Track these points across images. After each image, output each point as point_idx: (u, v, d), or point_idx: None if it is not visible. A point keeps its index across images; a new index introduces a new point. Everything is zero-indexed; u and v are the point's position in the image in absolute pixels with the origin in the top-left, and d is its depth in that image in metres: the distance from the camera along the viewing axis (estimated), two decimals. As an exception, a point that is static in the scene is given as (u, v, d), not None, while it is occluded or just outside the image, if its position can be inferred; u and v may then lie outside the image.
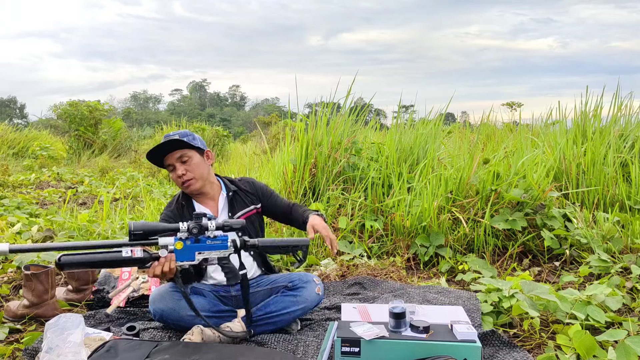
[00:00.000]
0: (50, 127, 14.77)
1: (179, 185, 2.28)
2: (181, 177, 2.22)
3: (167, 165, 2.25)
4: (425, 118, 5.45)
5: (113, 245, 1.78)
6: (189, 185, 2.24)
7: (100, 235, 3.67)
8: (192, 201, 2.32)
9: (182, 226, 1.82)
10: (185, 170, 2.21)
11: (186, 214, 2.26)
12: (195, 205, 2.31)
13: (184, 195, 2.33)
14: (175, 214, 2.29)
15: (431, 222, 3.43)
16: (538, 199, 3.50)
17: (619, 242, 3.21)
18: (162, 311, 2.08)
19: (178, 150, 2.22)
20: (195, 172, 2.23)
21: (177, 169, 2.22)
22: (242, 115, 56.47)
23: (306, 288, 2.16)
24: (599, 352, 1.89)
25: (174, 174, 2.24)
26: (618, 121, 5.29)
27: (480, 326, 2.18)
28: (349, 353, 1.81)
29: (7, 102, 51.56)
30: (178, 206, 2.31)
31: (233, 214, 2.29)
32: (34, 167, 9.18)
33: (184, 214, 2.27)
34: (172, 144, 2.19)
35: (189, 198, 2.33)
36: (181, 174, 2.21)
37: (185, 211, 2.28)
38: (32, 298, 2.34)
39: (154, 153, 2.23)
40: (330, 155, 4.28)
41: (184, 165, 2.22)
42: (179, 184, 2.25)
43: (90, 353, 1.82)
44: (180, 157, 2.22)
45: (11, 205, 4.92)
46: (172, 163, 2.23)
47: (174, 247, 1.82)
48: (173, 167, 2.23)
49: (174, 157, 2.22)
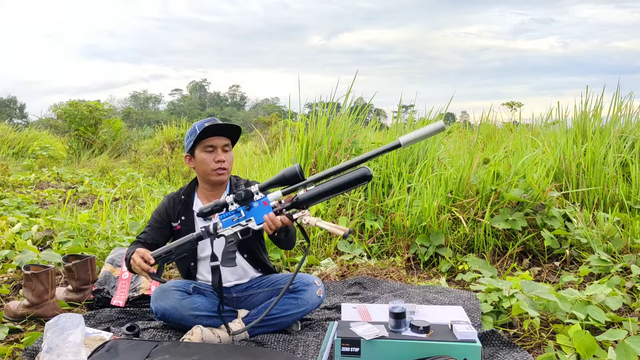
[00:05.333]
0: (50, 127, 14.77)
1: (207, 170, 2.19)
2: (219, 163, 2.17)
3: (205, 146, 2.17)
4: (425, 118, 5.45)
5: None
6: (223, 173, 2.20)
7: (100, 235, 3.67)
8: (195, 196, 2.29)
9: (229, 199, 1.86)
10: (224, 159, 2.19)
11: (182, 209, 2.24)
12: (195, 200, 2.28)
13: (188, 189, 2.30)
14: (163, 216, 2.25)
15: (431, 222, 3.43)
16: (538, 199, 3.50)
17: (619, 242, 3.21)
18: (164, 309, 2.08)
19: (227, 138, 2.20)
20: (230, 164, 2.23)
21: (219, 153, 2.18)
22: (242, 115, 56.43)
23: (307, 291, 2.15)
24: (599, 352, 1.89)
25: (212, 156, 2.17)
26: (618, 121, 5.29)
27: (480, 326, 2.18)
28: (349, 353, 1.81)
29: (7, 102, 51.53)
30: (177, 200, 2.27)
31: None
32: (34, 167, 9.19)
33: (177, 209, 2.24)
34: (232, 128, 2.18)
35: (192, 193, 2.30)
36: (223, 159, 2.18)
37: (181, 206, 2.25)
38: (32, 298, 2.35)
39: (209, 128, 2.15)
40: (330, 155, 4.28)
41: (224, 154, 2.20)
42: (212, 168, 2.17)
43: (90, 353, 1.82)
44: (225, 145, 2.20)
45: (11, 205, 4.93)
46: (215, 145, 2.17)
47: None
48: (213, 149, 2.18)
49: (222, 142, 2.19)
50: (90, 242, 3.57)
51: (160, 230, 2.24)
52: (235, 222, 1.89)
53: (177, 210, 2.25)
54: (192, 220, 2.24)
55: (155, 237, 2.22)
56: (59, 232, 3.71)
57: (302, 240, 3.62)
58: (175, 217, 2.25)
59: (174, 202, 2.28)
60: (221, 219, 1.90)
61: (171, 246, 1.95)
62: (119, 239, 3.55)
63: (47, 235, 3.69)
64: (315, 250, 3.51)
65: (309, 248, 2.91)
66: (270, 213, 1.83)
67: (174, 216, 2.25)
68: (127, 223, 3.99)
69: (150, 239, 2.22)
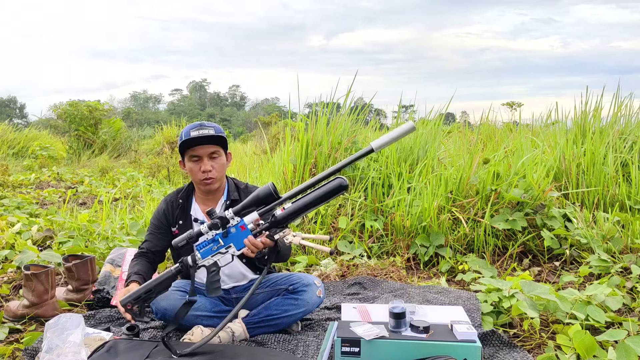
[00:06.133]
0: (50, 127, 14.77)
1: (195, 180, 2.18)
2: (206, 173, 2.13)
3: (190, 155, 2.13)
4: (425, 118, 5.45)
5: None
6: (210, 182, 2.16)
7: (100, 235, 3.67)
8: (192, 200, 2.27)
9: (203, 229, 1.75)
10: (212, 167, 2.14)
11: (179, 213, 2.23)
12: (193, 205, 2.26)
13: (186, 193, 2.28)
14: (162, 221, 2.23)
15: (431, 222, 3.43)
16: (538, 199, 3.50)
17: (619, 242, 3.21)
18: (165, 310, 2.08)
19: (213, 146, 2.14)
20: (219, 172, 2.17)
21: (204, 162, 2.12)
22: (242, 115, 56.46)
23: (307, 291, 2.14)
24: (599, 352, 1.89)
25: (197, 165, 2.13)
26: (618, 121, 5.29)
27: (480, 326, 2.18)
28: (349, 353, 1.81)
29: (7, 102, 51.55)
30: (174, 204, 2.25)
31: None
32: (34, 167, 9.19)
33: (175, 214, 2.23)
34: (213, 138, 2.11)
35: (190, 196, 2.28)
36: (209, 169, 2.13)
37: (179, 211, 2.23)
38: (32, 298, 2.34)
39: (188, 141, 2.10)
40: (330, 155, 4.28)
41: (212, 161, 2.14)
42: (199, 178, 2.14)
43: (90, 353, 1.82)
44: (212, 153, 2.14)
45: (11, 205, 4.93)
46: (200, 155, 2.12)
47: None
48: (199, 158, 2.13)
49: (207, 151, 2.12)
50: (90, 242, 3.56)
51: (162, 236, 2.23)
52: (214, 252, 1.78)
53: (175, 215, 2.23)
54: (190, 225, 2.22)
55: (159, 244, 2.22)
56: (59, 232, 3.71)
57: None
58: (174, 221, 2.23)
59: (172, 206, 2.25)
60: (198, 249, 1.78)
61: (150, 285, 1.83)
62: (119, 239, 3.55)
63: (47, 235, 3.69)
64: (315, 250, 3.51)
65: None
66: (249, 236, 1.76)
67: (172, 220, 2.23)
68: (127, 223, 3.99)
69: (154, 246, 2.21)
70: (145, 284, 1.84)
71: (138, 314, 1.83)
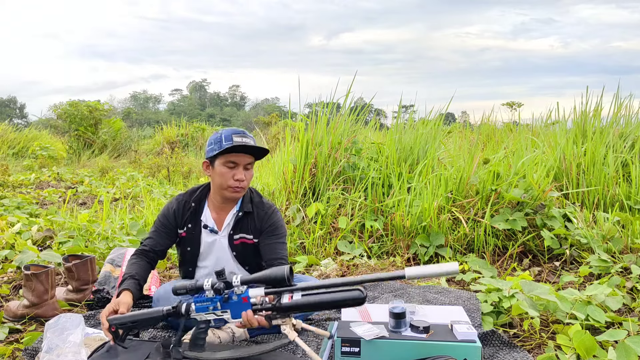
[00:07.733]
0: (50, 127, 14.79)
1: (224, 185, 2.11)
2: (237, 182, 2.09)
3: (228, 160, 2.08)
4: (425, 118, 5.45)
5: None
6: (238, 191, 2.12)
7: (100, 235, 3.67)
8: (205, 205, 2.22)
9: (206, 285, 1.70)
10: (244, 178, 2.11)
11: (190, 216, 2.19)
12: (205, 210, 2.22)
13: (199, 196, 2.23)
14: (170, 220, 2.19)
15: (431, 222, 3.43)
16: (538, 199, 3.50)
17: (619, 242, 3.21)
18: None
19: (251, 157, 2.12)
20: (249, 182, 2.16)
21: (240, 171, 2.09)
22: (242, 115, 56.42)
23: None
24: (599, 352, 1.88)
25: (232, 172, 2.09)
26: (618, 121, 5.29)
27: (480, 326, 2.18)
28: (349, 353, 1.81)
29: (7, 102, 51.58)
30: (186, 205, 2.20)
31: (234, 233, 2.19)
32: (34, 167, 9.20)
33: (185, 216, 2.19)
34: (256, 150, 2.09)
35: (202, 201, 2.23)
36: (242, 179, 2.10)
37: (190, 214, 2.19)
38: (32, 298, 2.34)
39: (238, 148, 2.06)
40: (330, 155, 4.28)
41: (246, 172, 2.12)
42: (230, 185, 2.10)
43: (90, 353, 1.82)
44: (249, 163, 2.12)
45: (11, 205, 4.93)
46: (238, 163, 2.09)
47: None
48: (235, 165, 2.09)
49: (246, 160, 2.10)
50: (90, 242, 3.56)
51: (167, 235, 2.19)
52: (209, 312, 1.73)
53: (185, 217, 2.20)
54: (198, 231, 2.19)
55: (162, 243, 2.18)
56: (59, 232, 3.71)
57: (302, 240, 3.62)
58: (182, 223, 2.19)
59: (184, 207, 2.21)
60: (195, 302, 1.74)
61: (138, 317, 1.79)
62: (119, 239, 3.55)
63: (47, 235, 3.69)
64: (315, 251, 3.52)
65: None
66: (248, 311, 1.68)
67: (181, 222, 2.19)
68: (127, 223, 3.99)
69: (156, 245, 2.17)
70: (134, 314, 1.80)
71: (119, 338, 1.79)
